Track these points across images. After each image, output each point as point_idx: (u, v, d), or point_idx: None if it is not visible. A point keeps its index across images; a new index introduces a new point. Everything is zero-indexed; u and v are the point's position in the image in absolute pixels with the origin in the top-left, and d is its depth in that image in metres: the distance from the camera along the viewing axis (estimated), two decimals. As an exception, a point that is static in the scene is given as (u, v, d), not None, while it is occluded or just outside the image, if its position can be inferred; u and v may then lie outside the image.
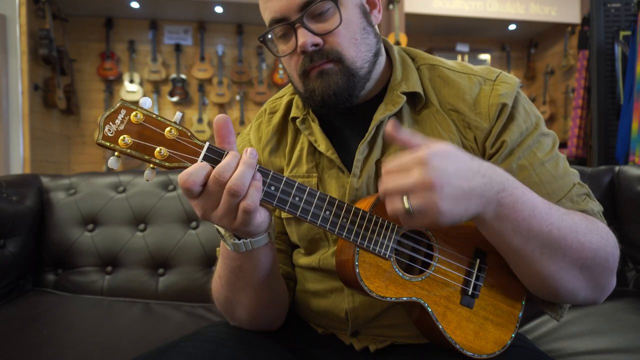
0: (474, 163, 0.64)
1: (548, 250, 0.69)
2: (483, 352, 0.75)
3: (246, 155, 0.62)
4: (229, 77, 5.20)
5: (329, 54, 0.77)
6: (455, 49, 5.55)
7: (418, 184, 0.59)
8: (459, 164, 0.62)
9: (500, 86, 0.81)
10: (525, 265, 0.72)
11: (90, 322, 1.34)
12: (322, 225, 0.67)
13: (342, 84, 0.77)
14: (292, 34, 0.77)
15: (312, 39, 0.75)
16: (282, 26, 0.78)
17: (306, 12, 0.75)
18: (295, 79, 0.82)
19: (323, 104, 0.79)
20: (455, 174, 0.60)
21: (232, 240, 0.69)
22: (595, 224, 0.74)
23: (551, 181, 0.78)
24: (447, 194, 0.59)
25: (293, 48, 0.78)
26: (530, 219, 0.67)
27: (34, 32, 3.98)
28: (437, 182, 0.59)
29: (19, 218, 1.50)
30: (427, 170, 0.59)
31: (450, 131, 0.81)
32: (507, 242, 0.69)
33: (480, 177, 0.63)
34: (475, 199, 0.62)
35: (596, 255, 0.71)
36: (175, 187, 1.65)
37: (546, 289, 0.74)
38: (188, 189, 0.60)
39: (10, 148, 3.77)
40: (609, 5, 3.11)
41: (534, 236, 0.67)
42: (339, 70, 0.77)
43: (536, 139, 0.80)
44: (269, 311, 0.83)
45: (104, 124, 0.60)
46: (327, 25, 0.76)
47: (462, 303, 0.75)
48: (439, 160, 0.60)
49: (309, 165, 0.86)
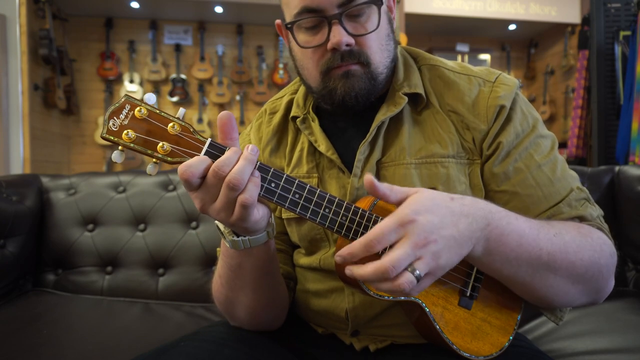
0: (455, 205, 0.64)
1: (539, 274, 0.70)
2: (480, 353, 0.75)
3: (247, 151, 0.63)
4: (229, 77, 5.19)
5: (360, 56, 0.76)
6: (455, 49, 5.55)
7: (416, 246, 0.59)
8: (442, 212, 0.62)
9: (499, 88, 0.81)
10: (518, 288, 0.73)
11: (90, 322, 1.34)
12: (322, 222, 0.68)
13: (364, 87, 0.78)
14: (324, 28, 0.76)
15: (347, 39, 0.74)
16: (314, 18, 0.76)
17: (347, 10, 0.74)
18: (311, 73, 0.81)
19: (342, 104, 0.78)
20: (442, 224, 0.61)
21: (230, 237, 0.70)
22: (589, 236, 0.74)
23: (548, 184, 0.77)
24: (442, 246, 0.60)
25: (321, 42, 0.76)
26: (518, 249, 0.67)
27: (34, 32, 3.97)
28: (430, 238, 0.59)
29: (19, 218, 1.50)
30: (418, 230, 0.59)
31: (450, 132, 0.81)
32: (498, 272, 0.70)
33: (464, 218, 0.63)
34: (465, 241, 0.63)
35: (587, 270, 0.72)
36: (175, 187, 1.64)
37: (541, 303, 0.76)
38: (187, 180, 0.61)
39: (10, 148, 3.77)
40: (609, 5, 3.11)
41: (523, 263, 0.68)
42: (364, 74, 0.77)
43: (533, 141, 0.80)
44: (268, 311, 0.83)
45: (108, 118, 0.61)
46: (363, 27, 0.76)
47: (460, 304, 0.75)
48: (424, 214, 0.60)
49: (309, 165, 0.86)
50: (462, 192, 0.79)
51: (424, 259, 0.59)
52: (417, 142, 0.81)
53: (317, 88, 0.81)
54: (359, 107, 0.80)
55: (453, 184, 0.79)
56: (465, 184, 0.80)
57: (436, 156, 0.80)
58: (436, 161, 0.80)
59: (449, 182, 0.79)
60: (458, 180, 0.79)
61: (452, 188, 0.78)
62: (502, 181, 0.79)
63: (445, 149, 0.80)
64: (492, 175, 0.80)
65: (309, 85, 0.83)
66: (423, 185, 0.79)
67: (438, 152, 0.80)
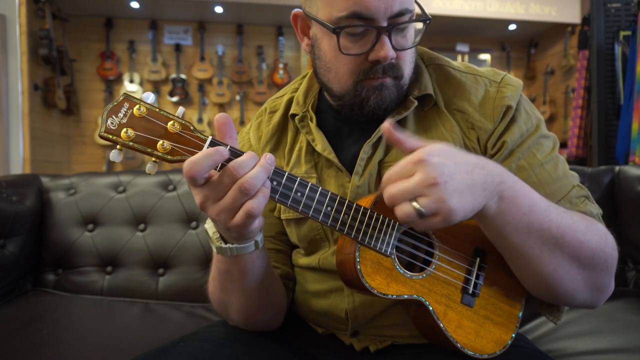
0: (471, 157, 0.64)
1: (547, 248, 0.69)
2: (484, 351, 0.75)
3: (265, 159, 0.62)
4: (229, 77, 5.20)
5: (398, 70, 0.77)
6: (455, 49, 5.55)
7: (422, 183, 0.59)
8: (457, 158, 0.62)
9: (506, 88, 0.81)
10: (525, 264, 0.72)
11: (90, 322, 1.34)
12: (324, 221, 0.67)
13: (394, 99, 0.78)
14: (370, 37, 0.74)
15: (392, 53, 0.74)
16: (364, 26, 0.73)
17: (396, 25, 0.73)
18: (341, 79, 0.79)
19: (371, 114, 0.78)
20: (456, 168, 0.61)
21: (218, 243, 0.69)
22: (594, 224, 0.74)
23: (550, 182, 0.78)
24: (453, 188, 0.59)
25: (364, 51, 0.75)
26: (529, 214, 0.67)
27: (34, 32, 3.98)
28: (440, 178, 0.59)
29: (19, 218, 1.50)
30: (427, 168, 0.59)
31: (453, 131, 0.81)
32: (507, 239, 0.69)
33: (480, 169, 0.63)
34: (479, 190, 0.62)
35: (594, 254, 0.71)
36: (175, 187, 1.64)
37: (544, 289, 0.74)
38: (192, 177, 0.59)
39: (10, 148, 3.77)
40: (609, 5, 3.11)
41: (534, 232, 0.68)
42: (394, 86, 0.78)
43: (536, 141, 0.80)
44: (262, 314, 0.83)
45: (106, 117, 0.60)
46: (404, 42, 0.77)
47: (462, 302, 0.75)
48: (437, 157, 0.60)
49: (307, 165, 0.86)
50: None
51: (430, 197, 0.59)
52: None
53: (345, 95, 0.80)
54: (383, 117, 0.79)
55: None
56: None
57: None
58: None
59: None
60: None
61: None
62: None
63: None
64: None
65: (331, 89, 0.81)
66: None
67: None
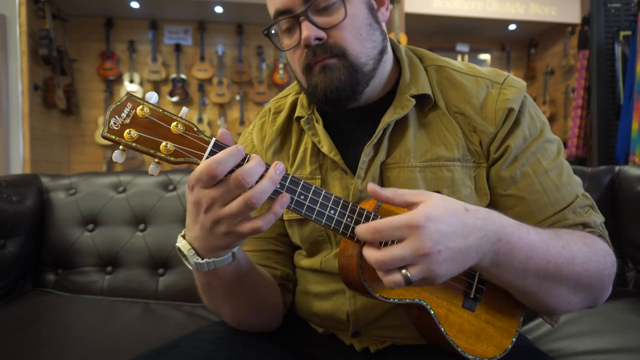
0: (469, 217, 0.62)
1: (545, 285, 0.70)
2: (484, 356, 0.74)
3: (274, 170, 0.61)
4: (229, 77, 5.19)
5: (333, 48, 0.75)
6: (455, 49, 5.55)
7: (415, 252, 0.58)
8: (454, 222, 0.60)
9: (508, 90, 0.80)
10: (521, 296, 0.74)
11: (90, 322, 1.34)
12: (327, 224, 0.67)
13: (345, 79, 0.76)
14: (297, 28, 0.76)
15: (315, 33, 0.74)
16: (286, 19, 0.77)
17: (311, 5, 0.74)
18: (298, 74, 0.81)
19: (325, 99, 0.77)
20: (452, 233, 0.60)
21: (195, 260, 0.66)
22: (594, 246, 0.74)
23: (554, 190, 0.77)
24: (444, 257, 0.59)
25: (297, 42, 0.77)
26: (527, 261, 0.67)
27: (34, 32, 3.97)
28: (434, 247, 0.58)
29: (19, 218, 1.50)
30: (422, 237, 0.58)
31: (456, 134, 0.80)
32: (502, 281, 0.70)
33: (477, 231, 0.62)
34: (472, 254, 0.62)
35: (591, 281, 0.73)
36: (175, 187, 1.64)
37: (543, 310, 0.76)
38: (214, 176, 0.58)
39: (10, 148, 3.77)
40: (609, 5, 3.11)
41: (531, 275, 0.68)
42: (342, 66, 0.76)
43: (540, 146, 0.79)
44: (254, 318, 0.83)
45: (109, 117, 0.59)
46: (332, 19, 0.75)
47: (464, 306, 0.75)
48: (434, 222, 0.59)
49: (312, 166, 0.86)
50: (466, 195, 0.78)
51: (421, 266, 0.58)
52: (422, 145, 0.81)
53: (305, 87, 0.81)
54: (346, 101, 0.78)
55: (458, 187, 0.78)
56: (471, 188, 0.79)
57: (441, 159, 0.79)
58: (441, 164, 0.79)
59: (453, 185, 0.78)
60: (463, 184, 0.79)
61: (457, 192, 0.78)
62: (509, 185, 0.78)
63: (450, 152, 0.79)
64: (499, 178, 0.79)
65: (302, 86, 0.83)
66: (427, 188, 0.78)
67: (443, 155, 0.79)
